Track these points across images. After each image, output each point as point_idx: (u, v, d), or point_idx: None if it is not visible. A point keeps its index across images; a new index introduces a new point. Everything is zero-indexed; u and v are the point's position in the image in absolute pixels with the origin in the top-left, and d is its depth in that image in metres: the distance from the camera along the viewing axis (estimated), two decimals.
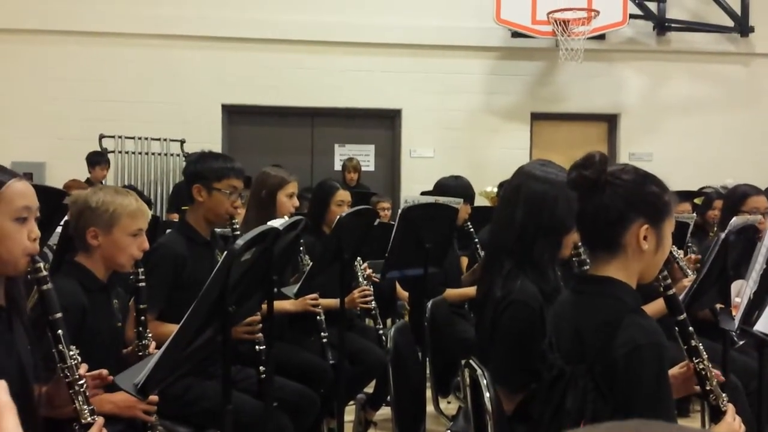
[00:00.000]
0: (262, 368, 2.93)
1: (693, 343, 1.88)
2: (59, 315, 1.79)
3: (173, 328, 1.80)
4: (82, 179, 6.91)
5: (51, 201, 2.31)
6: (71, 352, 1.79)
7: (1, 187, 1.69)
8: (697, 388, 1.91)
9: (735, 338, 2.81)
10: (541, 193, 2.20)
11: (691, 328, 1.88)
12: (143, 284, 2.35)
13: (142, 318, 2.31)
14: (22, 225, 1.73)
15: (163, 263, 2.82)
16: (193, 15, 8.12)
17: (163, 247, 2.91)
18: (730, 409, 1.86)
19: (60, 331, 1.78)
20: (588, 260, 2.25)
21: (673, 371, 1.94)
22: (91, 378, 1.86)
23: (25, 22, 7.92)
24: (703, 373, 1.87)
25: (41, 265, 1.77)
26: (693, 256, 3.40)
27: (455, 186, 4.22)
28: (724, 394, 1.90)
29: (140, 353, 2.27)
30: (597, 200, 1.74)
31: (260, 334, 2.93)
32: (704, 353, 1.89)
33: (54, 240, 2.72)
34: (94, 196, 2.29)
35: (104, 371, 1.93)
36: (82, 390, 1.79)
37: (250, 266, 2.03)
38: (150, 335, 2.31)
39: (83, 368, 1.82)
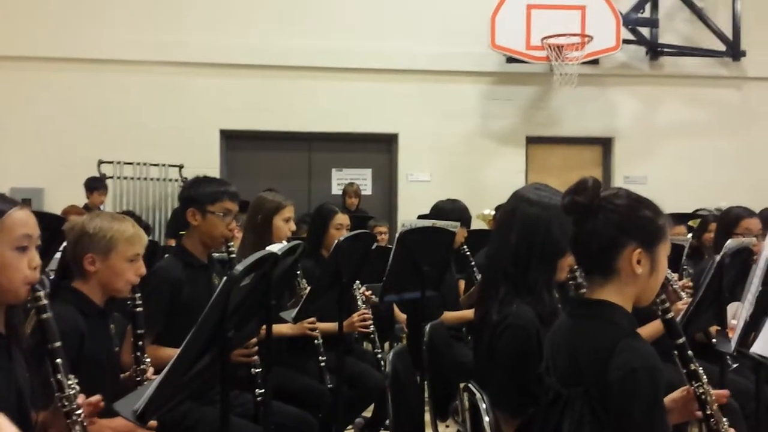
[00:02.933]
0: (258, 391, 2.92)
1: (692, 366, 1.88)
2: (58, 344, 1.79)
3: (170, 352, 1.80)
4: (80, 205, 6.91)
5: (50, 227, 2.32)
6: (69, 381, 1.79)
7: (1, 216, 1.70)
8: (698, 412, 1.90)
9: (729, 361, 2.81)
10: (534, 216, 2.22)
11: (690, 352, 1.89)
12: (140, 309, 2.35)
13: (140, 343, 2.30)
14: (22, 254, 1.73)
15: (160, 288, 2.82)
16: (191, 41, 8.18)
17: (160, 271, 2.92)
18: None
19: (58, 360, 1.78)
20: (584, 283, 2.27)
21: (674, 396, 1.94)
22: (86, 405, 1.85)
23: (24, 49, 7.96)
24: (703, 397, 1.87)
25: (41, 293, 1.77)
26: (684, 281, 3.40)
27: (451, 209, 4.25)
28: (725, 419, 1.90)
29: (138, 378, 2.27)
30: (590, 225, 1.76)
31: (256, 357, 2.92)
32: (704, 377, 1.89)
33: (53, 266, 2.73)
34: (90, 223, 2.30)
35: (98, 397, 1.91)
36: (79, 420, 1.78)
37: (248, 291, 2.04)
38: (148, 360, 2.31)
39: (81, 397, 1.82)
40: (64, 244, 2.40)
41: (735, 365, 3.03)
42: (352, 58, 8.41)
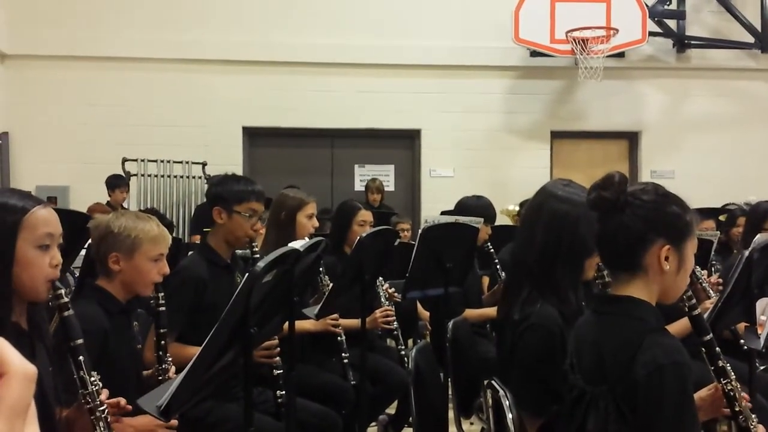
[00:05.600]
0: (280, 392, 2.92)
1: (720, 363, 1.85)
2: (80, 341, 1.80)
3: (193, 350, 1.80)
4: (104, 202, 6.99)
5: (75, 225, 2.34)
6: (92, 378, 1.80)
7: (25, 215, 1.71)
8: (726, 409, 1.88)
9: (757, 363, 2.76)
10: (562, 213, 2.17)
11: (717, 349, 1.86)
12: (164, 308, 2.36)
13: (163, 342, 2.31)
14: (44, 252, 1.74)
15: (185, 286, 2.83)
16: (214, 39, 8.23)
17: (184, 270, 2.92)
18: (761, 430, 1.83)
19: (81, 357, 1.78)
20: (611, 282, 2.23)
21: (702, 393, 1.92)
22: (109, 406, 1.86)
23: (50, 48, 8.07)
24: (732, 394, 1.85)
25: (62, 291, 1.78)
26: (712, 278, 3.34)
27: (476, 206, 4.22)
28: (754, 416, 1.87)
29: (160, 377, 2.28)
30: (617, 221, 1.73)
31: (278, 358, 2.92)
32: (732, 374, 1.86)
33: (77, 263, 2.75)
34: (116, 222, 2.31)
35: (122, 400, 1.92)
36: (103, 416, 1.80)
37: (271, 288, 2.04)
38: (170, 359, 2.31)
39: (104, 394, 1.83)
40: (89, 241, 2.41)
41: (763, 367, 2.97)
42: (375, 53, 8.40)
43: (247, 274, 1.86)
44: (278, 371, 2.93)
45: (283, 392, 2.89)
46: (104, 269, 2.32)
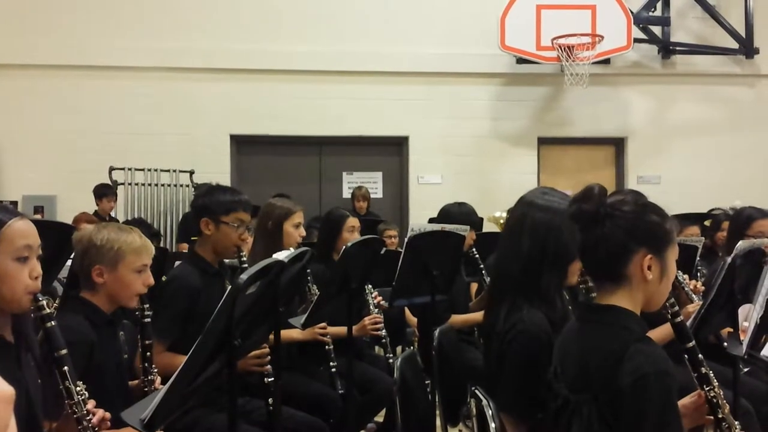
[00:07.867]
0: (270, 399, 2.92)
1: (703, 370, 1.87)
2: (65, 352, 1.80)
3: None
4: (91, 212, 6.96)
5: (60, 236, 2.33)
6: (78, 388, 1.80)
7: (2, 227, 1.71)
8: (710, 417, 1.89)
9: (741, 365, 2.78)
10: (545, 222, 2.18)
11: (700, 356, 1.87)
12: (149, 319, 2.35)
13: (148, 354, 2.31)
14: (23, 264, 1.74)
15: (179, 295, 2.84)
16: (201, 48, 8.22)
17: (178, 279, 2.93)
18: None
19: (66, 368, 1.79)
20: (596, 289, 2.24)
21: (685, 401, 1.93)
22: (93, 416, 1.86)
23: (36, 57, 8.04)
24: (715, 401, 1.86)
25: (44, 302, 1.79)
26: (694, 283, 3.36)
27: (459, 213, 4.24)
28: (737, 422, 1.89)
29: (146, 388, 2.27)
30: (598, 232, 1.74)
31: (269, 366, 2.92)
32: (715, 381, 1.88)
33: (63, 273, 2.74)
34: (98, 234, 2.31)
35: (101, 411, 1.92)
36: (90, 425, 1.80)
37: (255, 299, 2.04)
38: (156, 370, 2.31)
39: (91, 404, 1.83)
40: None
41: (747, 369, 3.00)
42: (362, 61, 8.42)
43: (230, 287, 1.86)
44: (269, 379, 2.93)
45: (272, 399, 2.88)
46: (88, 282, 2.31)
